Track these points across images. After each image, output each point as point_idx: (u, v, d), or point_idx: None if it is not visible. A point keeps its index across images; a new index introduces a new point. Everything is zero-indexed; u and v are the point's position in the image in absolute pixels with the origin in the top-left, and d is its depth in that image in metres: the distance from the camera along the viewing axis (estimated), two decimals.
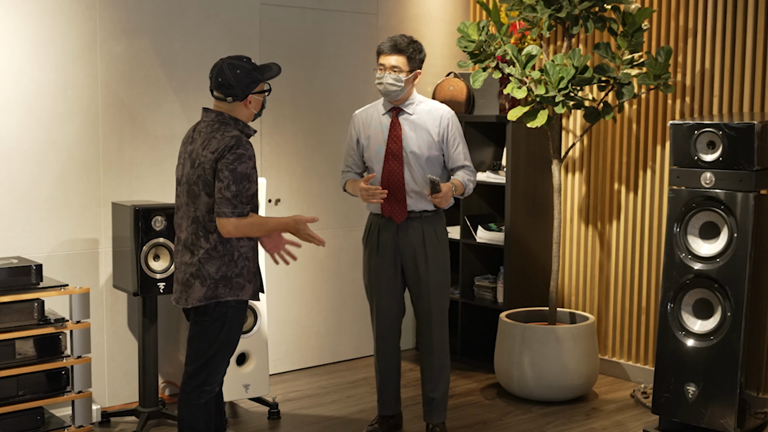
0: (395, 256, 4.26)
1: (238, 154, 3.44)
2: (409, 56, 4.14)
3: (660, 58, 4.68)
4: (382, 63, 4.16)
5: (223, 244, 3.50)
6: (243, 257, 3.54)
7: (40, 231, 4.48)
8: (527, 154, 5.44)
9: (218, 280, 3.49)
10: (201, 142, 3.51)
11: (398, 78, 4.12)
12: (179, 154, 3.66)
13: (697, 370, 4.11)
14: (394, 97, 4.18)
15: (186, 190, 3.55)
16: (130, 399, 4.81)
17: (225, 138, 3.46)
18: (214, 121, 3.54)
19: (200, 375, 3.59)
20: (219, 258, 3.49)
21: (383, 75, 4.14)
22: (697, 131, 4.13)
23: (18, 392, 3.99)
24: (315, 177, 5.51)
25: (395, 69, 4.13)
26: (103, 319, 4.72)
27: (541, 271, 5.54)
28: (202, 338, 3.57)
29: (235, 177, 3.42)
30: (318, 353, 5.65)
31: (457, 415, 4.74)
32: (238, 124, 3.56)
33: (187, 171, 3.54)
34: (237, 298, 3.53)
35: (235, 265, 3.52)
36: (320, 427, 4.61)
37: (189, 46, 4.91)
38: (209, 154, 3.46)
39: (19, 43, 4.37)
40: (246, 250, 3.56)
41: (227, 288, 3.50)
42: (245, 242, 3.55)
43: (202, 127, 3.57)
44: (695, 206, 4.16)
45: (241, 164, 3.44)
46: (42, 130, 4.47)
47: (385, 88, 4.14)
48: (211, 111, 3.58)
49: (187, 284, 3.54)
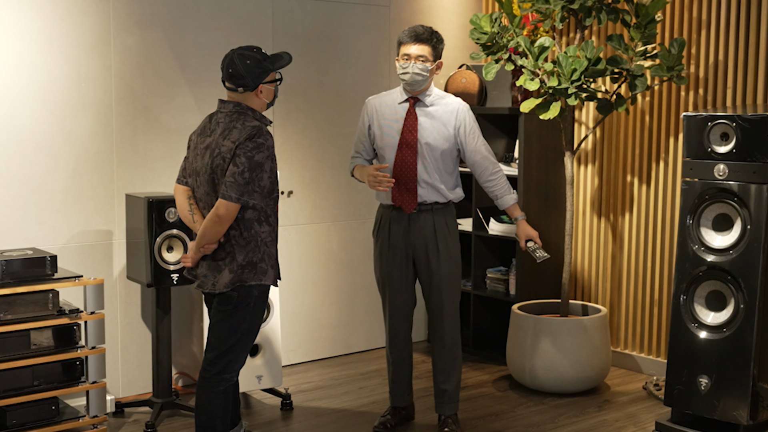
0: (406, 248, 4.27)
1: (257, 143, 3.47)
2: (433, 45, 4.15)
3: (673, 50, 4.66)
4: (406, 53, 4.15)
5: (248, 231, 3.54)
6: (264, 243, 3.58)
7: (55, 222, 4.51)
8: (540, 146, 5.44)
9: (244, 266, 3.53)
10: (220, 132, 3.53)
11: (425, 67, 4.13)
12: (193, 144, 3.66)
13: (709, 363, 4.11)
14: (418, 87, 4.18)
15: (206, 180, 3.57)
16: (143, 390, 4.84)
17: (246, 127, 3.49)
18: (233, 112, 3.57)
19: (220, 363, 3.61)
20: (246, 245, 3.53)
21: (409, 64, 4.14)
22: (711, 123, 4.11)
23: (33, 382, 4.01)
24: (327, 169, 5.52)
25: (421, 58, 4.13)
26: (116, 311, 4.75)
27: (554, 263, 5.53)
28: (224, 326, 3.60)
29: (251, 164, 3.44)
30: (330, 345, 5.67)
31: (469, 407, 4.74)
32: (256, 114, 3.59)
33: (207, 162, 3.55)
34: (260, 282, 3.56)
35: (258, 250, 3.56)
36: (333, 418, 4.63)
37: (202, 38, 4.93)
38: (230, 143, 3.48)
39: (33, 35, 4.39)
40: (266, 235, 3.59)
41: (252, 273, 3.54)
42: (265, 228, 3.58)
43: (220, 117, 3.58)
44: (708, 198, 4.15)
45: (259, 153, 3.47)
46: (56, 122, 4.49)
47: (411, 77, 4.14)
48: (228, 102, 3.59)
49: (215, 270, 3.57)
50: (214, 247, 3.57)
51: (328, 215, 5.56)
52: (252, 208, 3.52)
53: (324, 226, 5.55)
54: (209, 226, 3.50)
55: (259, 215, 3.55)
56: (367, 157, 4.37)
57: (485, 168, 4.25)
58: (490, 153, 4.26)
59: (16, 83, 4.35)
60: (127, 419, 4.55)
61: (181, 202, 3.69)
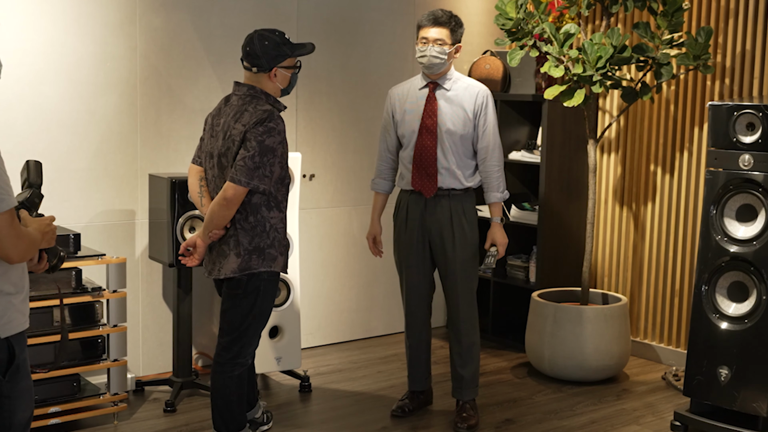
0: (422, 233, 4.27)
1: (268, 128, 3.45)
2: (451, 29, 4.14)
3: (700, 39, 4.62)
4: (424, 36, 4.14)
5: (254, 215, 3.52)
6: (273, 229, 3.56)
7: (78, 201, 4.54)
8: (563, 133, 5.41)
9: (251, 251, 3.51)
10: (233, 114, 3.53)
11: (442, 51, 4.12)
12: (208, 126, 3.67)
13: (730, 354, 4.09)
14: (436, 71, 4.17)
15: (216, 163, 3.57)
16: (163, 369, 4.88)
17: (257, 111, 3.48)
18: (246, 95, 3.56)
19: (234, 347, 3.62)
20: (251, 229, 3.52)
21: (426, 48, 4.13)
22: (737, 113, 4.08)
23: (61, 361, 4.05)
24: (349, 153, 5.52)
25: (439, 42, 4.12)
26: (138, 290, 4.78)
27: (574, 251, 5.52)
28: (235, 311, 3.60)
29: (262, 149, 3.43)
30: (349, 328, 5.69)
31: (487, 393, 4.75)
32: (270, 98, 3.57)
33: (219, 144, 3.55)
34: (269, 269, 3.56)
35: (267, 236, 3.54)
36: (350, 401, 4.64)
37: (227, 20, 4.93)
38: (240, 126, 3.47)
39: (60, 15, 4.41)
40: (276, 221, 3.58)
41: (260, 259, 3.53)
42: (275, 214, 3.57)
43: (234, 100, 3.58)
44: (732, 188, 4.12)
45: (270, 137, 3.45)
46: (81, 101, 4.51)
47: (429, 60, 4.13)
48: (243, 85, 3.59)
49: (221, 255, 3.57)
50: (221, 233, 3.56)
51: (349, 199, 5.57)
52: (261, 193, 3.51)
53: (345, 210, 5.56)
54: (216, 209, 3.49)
55: (268, 200, 3.54)
56: (392, 155, 4.36)
57: (483, 158, 4.22)
58: (495, 145, 4.22)
59: (42, 62, 4.38)
60: (147, 397, 4.59)
61: (193, 183, 3.70)
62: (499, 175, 4.25)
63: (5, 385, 2.43)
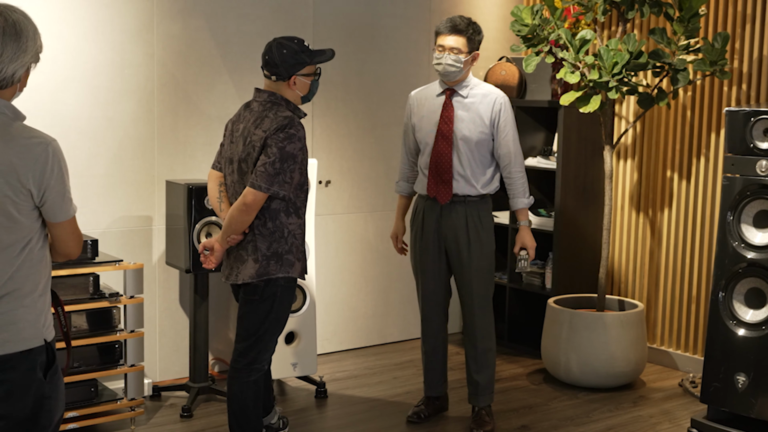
0: (438, 239, 4.27)
1: (289, 134, 3.46)
2: (468, 37, 4.13)
3: (717, 44, 4.61)
4: (441, 44, 4.15)
5: (272, 221, 3.53)
6: (291, 235, 3.57)
7: (96, 207, 4.57)
8: (579, 139, 5.41)
9: (269, 256, 3.52)
10: (253, 120, 3.54)
11: (458, 59, 4.12)
12: (228, 132, 3.68)
13: (747, 360, 4.07)
14: (452, 78, 4.18)
15: (236, 168, 3.58)
16: (180, 374, 4.90)
17: (278, 117, 3.49)
18: (267, 101, 3.57)
19: (250, 353, 3.63)
20: (270, 235, 3.53)
21: (442, 55, 4.13)
22: (754, 118, 4.07)
23: (72, 364, 4.08)
24: (366, 159, 5.54)
25: (454, 50, 4.12)
26: (155, 296, 4.81)
27: (591, 257, 5.51)
28: (252, 317, 3.61)
29: (282, 155, 3.44)
30: (365, 334, 5.69)
31: (503, 399, 4.74)
32: (290, 105, 3.59)
33: (239, 150, 3.57)
34: (287, 275, 3.56)
35: (285, 242, 3.55)
36: (366, 406, 4.65)
37: (244, 27, 4.96)
38: (261, 132, 3.48)
39: (78, 22, 4.45)
40: (294, 227, 3.59)
41: (278, 265, 3.54)
42: (294, 220, 3.58)
43: (255, 106, 3.60)
44: (749, 194, 4.11)
45: (291, 144, 3.46)
46: (99, 108, 4.55)
47: (444, 68, 4.14)
48: (263, 91, 3.61)
49: (238, 260, 3.58)
50: (240, 238, 3.57)
51: (365, 205, 5.58)
52: (281, 199, 3.52)
53: (361, 216, 5.57)
54: (236, 214, 3.50)
55: (287, 206, 3.55)
56: (413, 157, 4.39)
57: (506, 164, 4.24)
58: (517, 151, 4.23)
59: (61, 69, 4.41)
60: (163, 403, 4.61)
61: (212, 188, 3.71)
62: (524, 181, 4.26)
63: (47, 386, 2.50)
